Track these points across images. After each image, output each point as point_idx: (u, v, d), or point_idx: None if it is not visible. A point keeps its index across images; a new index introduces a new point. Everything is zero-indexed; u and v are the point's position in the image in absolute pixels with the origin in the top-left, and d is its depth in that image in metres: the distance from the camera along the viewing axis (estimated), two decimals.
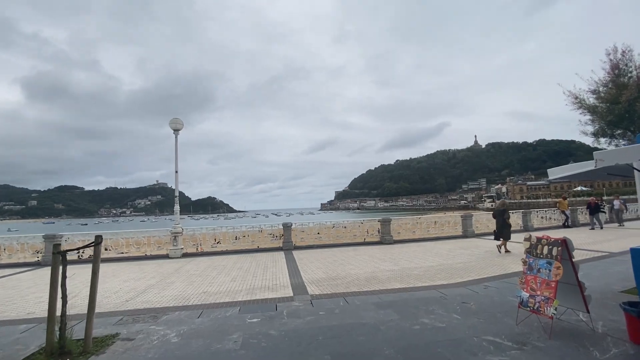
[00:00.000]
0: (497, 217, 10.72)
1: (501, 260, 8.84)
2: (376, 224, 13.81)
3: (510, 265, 8.10)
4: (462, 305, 5.15)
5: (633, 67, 4.82)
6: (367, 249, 11.86)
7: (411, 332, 4.16)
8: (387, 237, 13.13)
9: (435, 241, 13.36)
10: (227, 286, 7.14)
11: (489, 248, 10.97)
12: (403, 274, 7.57)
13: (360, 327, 4.40)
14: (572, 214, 17.27)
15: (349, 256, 10.49)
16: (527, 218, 16.10)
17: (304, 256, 10.87)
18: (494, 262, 8.61)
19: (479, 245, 11.68)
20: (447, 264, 8.51)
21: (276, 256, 11.13)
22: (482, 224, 15.43)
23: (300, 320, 4.77)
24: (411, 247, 12.08)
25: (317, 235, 13.55)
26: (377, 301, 5.54)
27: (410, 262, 9.09)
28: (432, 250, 10.93)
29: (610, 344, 3.45)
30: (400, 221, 14.17)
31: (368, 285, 6.70)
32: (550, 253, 4.02)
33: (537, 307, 3.96)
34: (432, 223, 14.64)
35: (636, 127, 4.79)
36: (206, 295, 6.47)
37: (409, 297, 5.74)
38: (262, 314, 5.11)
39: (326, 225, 13.77)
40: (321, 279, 7.45)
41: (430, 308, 5.04)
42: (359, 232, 13.72)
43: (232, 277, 8.09)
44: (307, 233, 13.47)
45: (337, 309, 5.20)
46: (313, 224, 14.05)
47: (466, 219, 14.53)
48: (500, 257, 9.21)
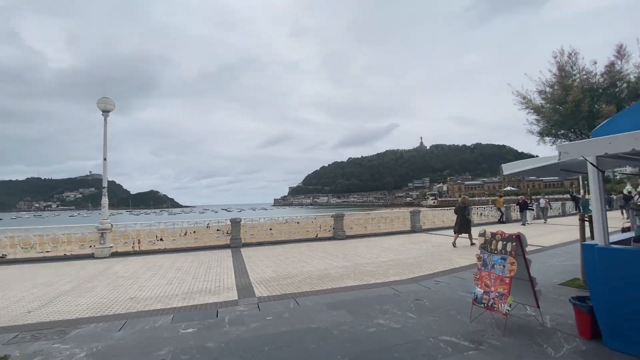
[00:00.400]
0: (458, 212, 11.24)
1: (449, 254, 9.10)
2: (329, 220, 13.58)
3: (457, 259, 8.34)
4: (416, 302, 5.00)
5: (577, 70, 5.14)
6: (320, 245, 11.54)
7: (366, 335, 3.83)
8: (339, 232, 12.97)
9: (386, 236, 13.54)
10: (161, 290, 6.24)
11: (436, 242, 11.34)
12: (356, 271, 7.33)
13: (312, 332, 3.97)
14: (506, 211, 18.89)
15: (301, 253, 10.06)
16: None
17: (254, 254, 10.18)
18: (442, 256, 8.82)
19: (427, 240, 12.04)
20: (399, 259, 8.51)
21: (222, 254, 10.27)
22: (429, 220, 16.08)
23: (244, 328, 4.19)
24: (363, 242, 12.04)
25: (269, 232, 12.90)
26: (329, 301, 5.17)
27: (362, 257, 8.94)
28: (384, 245, 10.97)
29: (561, 339, 3.46)
30: (353, 217, 14.12)
31: (320, 283, 6.32)
32: (505, 248, 3.97)
33: (491, 304, 3.89)
34: (383, 219, 14.86)
35: (580, 128, 5.15)
36: (133, 302, 5.54)
37: (362, 295, 5.46)
38: (199, 323, 4.42)
39: (278, 221, 13.18)
40: (271, 278, 6.90)
41: (385, 307, 4.80)
42: (312, 228, 13.38)
43: (168, 279, 7.14)
44: (258, 229, 12.73)
45: (287, 312, 4.71)
46: (264, 219, 13.35)
47: (414, 214, 15.00)
48: (448, 252, 9.49)
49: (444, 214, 16.75)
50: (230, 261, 9.03)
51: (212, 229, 11.99)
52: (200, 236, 11.81)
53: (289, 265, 8.12)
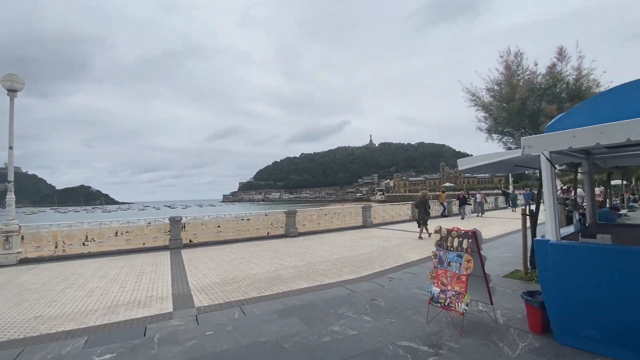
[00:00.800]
0: (419, 206, 11.89)
1: (399, 249, 9.18)
2: (281, 217, 13.04)
3: (407, 254, 8.41)
4: (371, 303, 4.76)
5: (522, 70, 5.37)
6: (271, 243, 10.96)
7: (321, 346, 3.45)
8: (292, 229, 12.51)
9: (338, 232, 13.42)
10: (77, 305, 5.20)
11: (387, 237, 11.48)
12: (309, 270, 6.95)
13: (259, 348, 3.48)
14: (448, 206, 20.09)
15: (250, 253, 9.40)
16: (414, 209, 17.91)
17: (197, 255, 9.26)
18: (393, 251, 8.85)
19: (379, 235, 12.16)
20: (352, 256, 8.33)
21: (160, 257, 9.18)
22: (379, 215, 16.39)
23: (178, 348, 3.54)
24: (316, 239, 11.75)
25: (215, 231, 11.93)
26: (280, 308, 4.70)
27: (315, 255, 8.60)
28: (337, 242, 10.78)
29: (515, 336, 3.43)
30: (305, 213, 13.76)
31: (271, 287, 5.82)
32: (461, 245, 3.87)
33: (448, 303, 3.76)
34: (336, 214, 14.75)
35: (524, 126, 5.39)
36: (37, 322, 4.50)
37: (316, 298, 5.09)
38: (121, 345, 3.66)
39: (225, 219, 12.25)
40: (214, 284, 6.20)
41: (340, 311, 4.48)
42: (263, 226, 12.70)
43: (87, 290, 6.04)
44: (202, 228, 11.68)
45: (231, 325, 4.14)
46: (209, 217, 12.31)
47: (366, 210, 15.14)
48: (398, 247, 9.59)
49: (393, 209, 17.22)
50: (168, 265, 8.05)
51: (149, 229, 10.68)
52: (134, 237, 10.44)
53: (235, 268, 7.45)
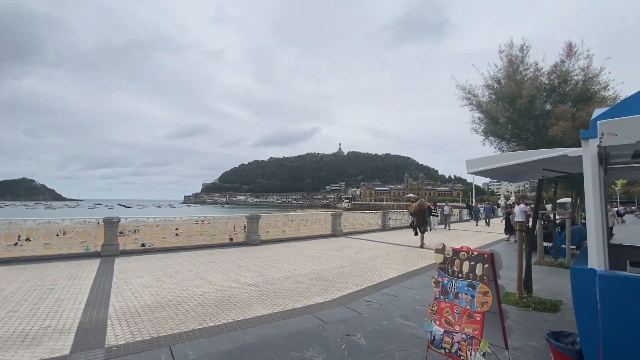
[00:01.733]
0: (417, 214, 12.07)
1: (373, 263, 8.23)
2: (242, 221, 11.64)
3: (383, 270, 7.48)
4: (347, 340, 3.68)
5: (527, 65, 4.82)
6: (228, 253, 9.55)
7: None
8: (253, 236, 11.15)
9: (306, 241, 12.28)
10: None
11: (359, 248, 10.53)
12: (269, 290, 5.73)
13: None
14: None
15: (201, 264, 7.95)
16: (385, 218, 17.29)
17: (134, 266, 7.64)
18: (366, 265, 7.89)
19: (349, 246, 11.19)
20: (321, 271, 7.24)
21: (84, 267, 7.43)
22: (349, 223, 15.50)
23: None
24: (280, 248, 10.50)
25: (162, 235, 10.24)
26: (227, 349, 3.46)
27: (279, 269, 7.39)
28: (304, 252, 9.63)
29: None
30: (270, 218, 12.45)
31: (218, 313, 4.53)
32: (473, 272, 2.93)
33: (455, 350, 2.79)
34: (304, 221, 13.60)
35: (530, 127, 4.81)
36: None
37: (276, 332, 3.91)
38: None
39: (175, 222, 10.57)
40: (144, 307, 4.77)
41: (308, 354, 3.35)
42: (220, 231, 11.17)
43: None
44: (145, 232, 9.93)
45: None
46: (156, 219, 10.55)
47: (336, 218, 14.17)
48: (371, 260, 8.64)
49: (364, 218, 16.41)
50: (92, 279, 6.40)
51: (75, 231, 8.76)
52: (55, 241, 8.50)
53: (177, 285, 6.02)
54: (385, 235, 14.76)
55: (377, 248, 10.79)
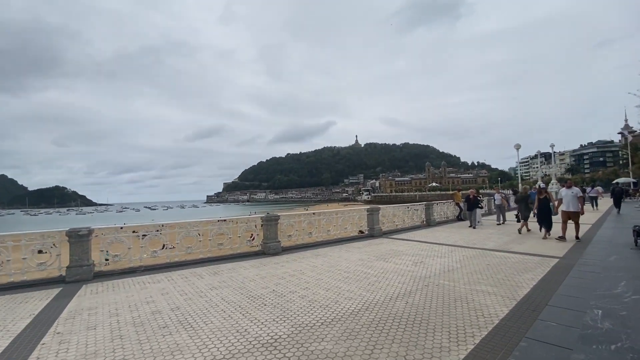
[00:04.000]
0: (520, 202, 12.17)
1: (453, 285, 5.43)
2: (256, 223, 9.08)
3: (475, 297, 4.66)
4: None
5: None
6: (239, 269, 7.03)
7: None
8: (272, 243, 8.60)
9: (338, 245, 9.62)
10: None
11: (413, 254, 7.75)
12: (294, 355, 3.11)
13: None
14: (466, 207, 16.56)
15: (197, 293, 5.44)
16: (430, 212, 14.32)
17: (99, 301, 5.22)
18: (445, 290, 5.11)
19: (398, 251, 8.41)
20: (378, 303, 4.55)
21: (27, 305, 5.08)
22: (388, 220, 12.66)
23: None
24: (307, 258, 7.89)
25: (152, 249, 7.85)
26: None
27: (310, 301, 4.76)
28: (341, 266, 6.97)
29: None
30: (292, 219, 9.81)
31: None
32: None
33: None
34: (334, 219, 10.87)
35: None
36: None
37: None
38: None
39: (169, 224, 8.03)
40: None
41: None
42: (228, 240, 8.61)
43: None
44: (123, 241, 7.47)
45: None
46: (136, 225, 7.98)
47: (373, 214, 11.36)
48: (445, 275, 5.84)
49: (406, 212, 13.55)
50: (15, 333, 4.00)
51: (28, 249, 6.45)
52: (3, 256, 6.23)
53: (143, 347, 3.51)
54: (433, 233, 11.87)
55: (439, 254, 7.96)
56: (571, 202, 9.40)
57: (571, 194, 9.45)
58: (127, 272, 6.99)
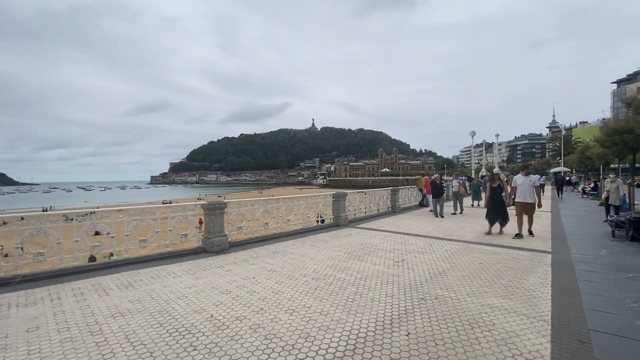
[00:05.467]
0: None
1: (455, 296, 4.20)
2: (196, 213, 7.10)
3: (490, 318, 3.45)
4: None
5: None
6: (166, 275, 5.14)
7: None
8: (215, 238, 6.72)
9: (298, 238, 8.08)
10: None
11: (390, 250, 6.49)
12: None
13: None
14: None
15: (78, 326, 3.54)
16: (395, 198, 13.39)
17: None
18: (452, 306, 3.85)
19: (371, 245, 7.12)
20: (365, 334, 3.10)
21: None
22: (353, 207, 11.39)
23: None
24: (261, 258, 6.23)
25: (40, 246, 5.54)
26: None
27: (263, 339, 3.16)
28: (305, 269, 5.43)
29: None
30: (243, 207, 7.93)
31: None
32: None
33: None
34: (294, 206, 9.23)
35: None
36: None
37: None
38: None
39: (50, 215, 5.61)
40: None
41: None
42: (155, 235, 6.51)
43: None
44: None
45: None
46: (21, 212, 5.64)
47: (339, 200, 9.95)
48: (444, 285, 4.62)
49: (371, 200, 12.38)
50: None
51: None
52: None
53: None
54: (402, 221, 10.90)
55: (419, 248, 6.81)
56: (528, 192, 8.01)
57: (529, 182, 8.05)
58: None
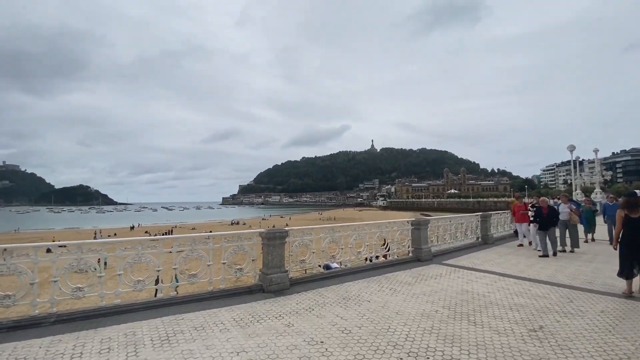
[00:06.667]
0: None
1: None
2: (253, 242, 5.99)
3: None
4: None
5: None
6: (211, 329, 4.03)
7: None
8: (274, 274, 5.48)
9: (371, 276, 6.46)
10: None
11: (512, 303, 4.47)
12: None
13: None
14: None
15: None
16: (487, 225, 10.86)
17: None
18: None
19: (477, 294, 5.15)
20: None
21: None
22: (438, 236, 9.29)
23: None
24: (329, 307, 4.76)
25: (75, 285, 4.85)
26: None
27: None
28: (392, 332, 3.80)
29: None
30: (306, 236, 6.51)
31: None
32: None
33: None
34: (366, 235, 7.59)
35: None
36: None
37: None
38: None
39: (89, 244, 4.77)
40: None
41: None
42: (206, 270, 5.49)
43: None
44: None
45: None
46: None
47: (420, 228, 8.03)
48: None
49: (456, 227, 10.07)
50: None
51: None
52: None
53: None
54: (502, 256, 8.49)
55: (552, 305, 4.63)
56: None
57: None
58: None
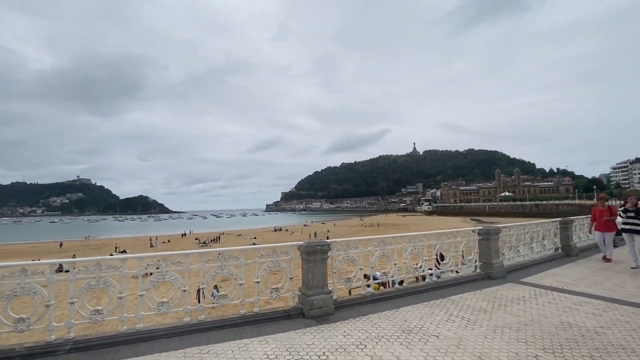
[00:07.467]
0: None
1: None
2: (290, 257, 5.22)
3: None
4: None
5: None
6: None
7: None
8: (315, 296, 4.63)
9: (431, 299, 5.34)
10: None
11: (630, 343, 3.11)
12: None
13: None
14: None
15: None
16: (568, 233, 9.01)
17: None
18: None
19: (583, 329, 3.83)
20: None
21: None
22: (511, 245, 7.77)
23: None
24: (387, 341, 3.80)
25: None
26: None
27: None
28: None
29: None
30: (352, 249, 5.57)
31: None
32: None
33: None
34: (424, 248, 6.45)
35: None
36: None
37: None
38: None
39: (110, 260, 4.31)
40: None
41: None
42: (238, 286, 4.85)
43: None
44: None
45: None
46: None
47: (489, 239, 6.65)
48: None
49: (532, 235, 8.36)
50: None
51: None
52: None
53: None
54: (596, 273, 6.78)
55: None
56: None
57: None
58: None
